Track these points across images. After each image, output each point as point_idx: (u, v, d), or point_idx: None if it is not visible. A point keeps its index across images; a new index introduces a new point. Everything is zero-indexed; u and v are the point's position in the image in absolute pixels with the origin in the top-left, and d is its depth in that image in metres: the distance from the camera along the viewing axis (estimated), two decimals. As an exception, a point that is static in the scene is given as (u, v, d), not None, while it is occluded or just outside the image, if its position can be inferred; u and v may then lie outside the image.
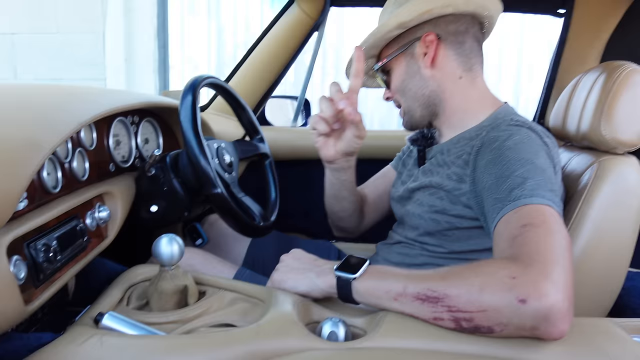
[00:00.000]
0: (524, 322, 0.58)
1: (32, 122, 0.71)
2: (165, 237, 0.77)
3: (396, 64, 1.03)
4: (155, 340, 0.63)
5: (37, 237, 0.69)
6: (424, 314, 0.65)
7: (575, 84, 1.06)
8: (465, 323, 0.62)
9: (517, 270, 0.60)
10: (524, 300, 0.57)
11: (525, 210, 0.72)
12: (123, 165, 1.09)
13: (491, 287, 0.60)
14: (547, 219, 0.69)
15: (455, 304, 0.62)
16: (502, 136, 0.86)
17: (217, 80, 1.15)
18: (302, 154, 1.68)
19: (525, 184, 0.75)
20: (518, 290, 0.58)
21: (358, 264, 0.73)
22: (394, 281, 0.68)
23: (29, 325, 0.78)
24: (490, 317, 0.60)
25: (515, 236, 0.68)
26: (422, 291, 0.65)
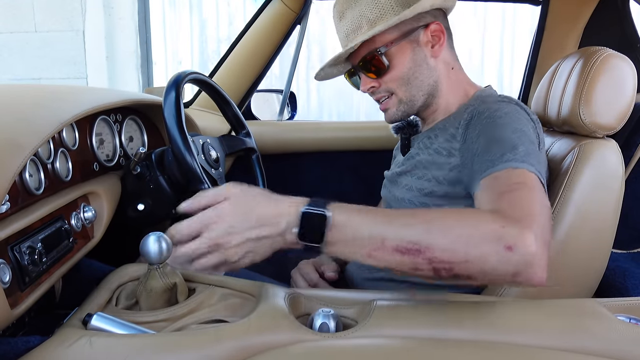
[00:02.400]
0: (508, 269, 0.61)
1: (11, 123, 0.70)
2: (153, 235, 0.76)
3: (399, 52, 0.96)
4: (145, 339, 0.63)
5: (21, 240, 0.69)
6: (402, 266, 0.64)
7: (555, 69, 1.07)
8: (444, 272, 0.63)
9: (505, 221, 0.63)
10: (510, 247, 0.60)
11: (516, 173, 0.75)
12: (107, 164, 1.08)
13: (479, 239, 0.62)
14: (535, 184, 0.74)
15: (438, 256, 0.62)
16: (492, 108, 0.88)
17: (200, 76, 1.14)
18: (289, 147, 1.68)
19: (517, 150, 0.79)
20: (506, 238, 0.61)
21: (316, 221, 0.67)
22: (369, 233, 0.64)
23: (16, 329, 0.77)
24: (473, 266, 0.62)
25: (504, 192, 0.72)
26: (402, 244, 0.63)
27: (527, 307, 0.69)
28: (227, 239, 0.68)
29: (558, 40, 1.48)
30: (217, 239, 0.68)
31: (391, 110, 1.02)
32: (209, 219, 0.69)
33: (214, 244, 0.68)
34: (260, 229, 0.68)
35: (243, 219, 0.68)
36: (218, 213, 0.69)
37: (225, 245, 0.68)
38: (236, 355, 0.61)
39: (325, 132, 1.70)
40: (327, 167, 1.70)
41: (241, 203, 0.70)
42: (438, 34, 0.98)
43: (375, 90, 1.02)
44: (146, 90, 1.61)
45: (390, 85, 0.99)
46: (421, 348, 0.60)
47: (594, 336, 0.62)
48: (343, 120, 3.80)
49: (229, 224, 0.68)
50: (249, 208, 0.69)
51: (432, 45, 0.98)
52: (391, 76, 0.98)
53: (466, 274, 0.62)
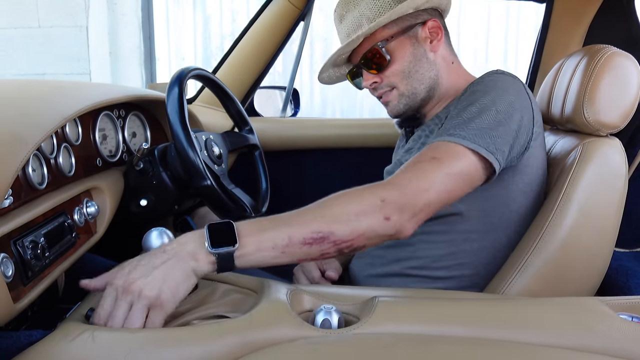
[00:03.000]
0: (386, 232, 0.74)
1: (15, 118, 0.70)
2: (155, 230, 0.76)
3: (399, 46, 1.00)
4: (147, 334, 0.63)
5: (24, 234, 0.69)
6: (312, 254, 0.71)
7: (559, 68, 1.07)
8: (346, 249, 0.73)
9: (386, 194, 0.75)
10: (388, 218, 0.73)
11: (447, 146, 0.82)
12: (110, 160, 1.08)
13: (365, 213, 0.73)
14: (455, 158, 0.80)
15: (339, 237, 0.71)
16: (484, 80, 0.92)
17: (203, 72, 1.14)
18: (291, 144, 1.67)
19: (468, 125, 0.83)
20: (384, 210, 0.73)
21: (226, 230, 0.69)
22: (275, 235, 0.70)
23: (19, 323, 0.77)
24: (365, 238, 0.73)
25: (419, 162, 0.80)
26: (308, 235, 0.70)
27: (528, 305, 0.69)
28: (131, 277, 0.65)
29: (562, 38, 1.47)
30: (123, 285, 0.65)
31: (392, 103, 1.04)
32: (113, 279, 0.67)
33: (122, 291, 0.65)
34: (164, 255, 0.67)
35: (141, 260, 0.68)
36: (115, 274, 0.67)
37: (132, 286, 0.65)
38: (238, 350, 0.61)
39: (328, 129, 1.70)
40: (330, 164, 1.69)
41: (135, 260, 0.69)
42: (436, 30, 1.01)
43: (378, 85, 1.03)
44: (149, 86, 1.61)
45: (392, 80, 1.01)
46: (423, 345, 0.60)
47: (596, 334, 0.62)
48: (346, 117, 3.80)
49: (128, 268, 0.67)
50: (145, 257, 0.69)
51: (430, 41, 1.01)
52: (392, 70, 1.00)
53: (362, 245, 0.74)
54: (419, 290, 0.82)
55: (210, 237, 0.68)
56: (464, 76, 1.04)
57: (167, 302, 0.65)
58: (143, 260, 0.68)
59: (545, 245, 0.87)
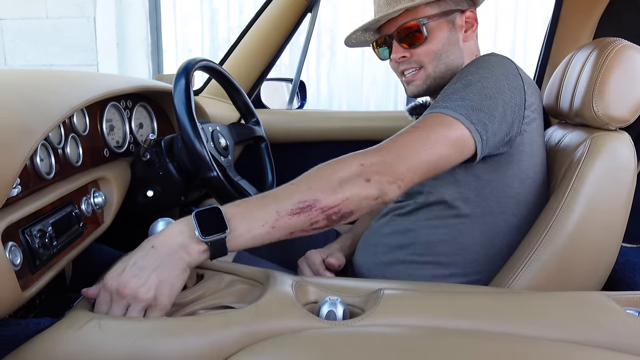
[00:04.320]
0: (371, 195, 0.76)
1: (23, 108, 0.70)
2: (162, 220, 0.77)
3: (437, 28, 1.00)
4: (154, 322, 0.64)
5: (32, 223, 0.69)
6: (302, 225, 0.72)
7: (568, 61, 1.06)
8: (334, 216, 0.74)
9: (366, 158, 0.78)
10: (368, 179, 0.75)
11: (431, 117, 0.84)
12: (117, 151, 1.08)
13: (347, 178, 0.75)
14: (433, 123, 0.83)
15: (325, 204, 0.73)
16: (475, 62, 0.94)
17: (210, 63, 1.14)
18: (298, 136, 1.67)
19: (452, 97, 0.86)
20: (364, 174, 0.75)
21: (214, 216, 0.69)
22: (263, 211, 0.71)
23: (27, 311, 0.78)
24: (350, 202, 0.74)
25: (405, 131, 0.83)
26: (295, 206, 0.72)
27: (534, 299, 0.69)
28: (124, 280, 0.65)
29: (572, 31, 1.46)
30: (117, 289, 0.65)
31: (416, 83, 1.03)
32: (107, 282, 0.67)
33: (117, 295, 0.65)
34: (155, 252, 0.67)
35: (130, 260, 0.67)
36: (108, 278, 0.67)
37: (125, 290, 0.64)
38: (243, 340, 0.61)
39: (334, 122, 1.70)
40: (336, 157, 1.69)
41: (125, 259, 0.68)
42: (472, 20, 1.02)
43: (405, 60, 1.02)
44: (156, 77, 1.61)
45: (422, 59, 1.01)
46: (427, 337, 0.60)
47: (602, 329, 0.62)
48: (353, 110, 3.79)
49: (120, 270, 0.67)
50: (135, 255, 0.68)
51: (465, 30, 1.02)
52: (425, 49, 1.00)
53: (349, 211, 0.75)
54: (424, 284, 0.82)
55: (199, 226, 0.68)
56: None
57: (163, 301, 0.66)
58: (132, 260, 0.67)
59: (552, 239, 0.86)
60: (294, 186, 0.75)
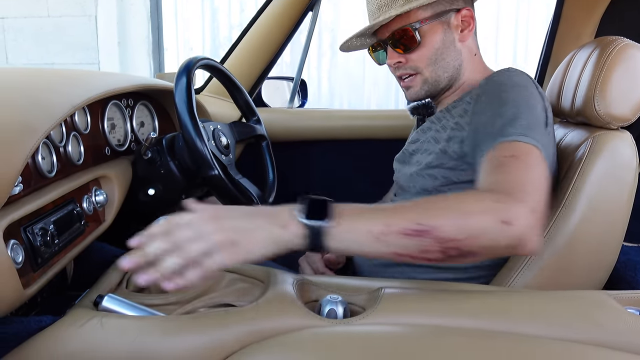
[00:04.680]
0: (505, 241, 0.65)
1: (25, 106, 0.70)
2: (163, 219, 0.77)
3: (431, 31, 0.97)
4: (155, 321, 0.64)
5: (33, 222, 0.70)
6: (410, 249, 0.64)
7: (570, 59, 1.05)
8: (452, 251, 0.64)
9: (500, 196, 0.67)
10: (507, 222, 0.64)
11: (514, 145, 0.78)
12: (119, 149, 1.08)
13: (477, 212, 0.65)
14: (530, 156, 0.76)
15: (443, 234, 0.63)
16: (500, 80, 0.91)
17: (211, 62, 1.14)
18: (299, 135, 1.67)
19: (517, 122, 0.81)
20: (502, 213, 0.64)
21: (321, 205, 0.64)
22: (373, 219, 0.64)
23: (29, 309, 0.79)
24: (475, 241, 0.64)
25: (502, 164, 0.75)
26: (409, 226, 0.63)
27: (535, 298, 0.69)
28: (220, 212, 0.62)
29: (574, 30, 1.46)
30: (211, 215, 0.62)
31: (414, 89, 1.02)
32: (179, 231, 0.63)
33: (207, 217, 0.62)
34: (257, 210, 0.63)
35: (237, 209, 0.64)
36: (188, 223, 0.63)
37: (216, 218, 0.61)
38: (244, 339, 0.61)
39: (335, 121, 1.70)
40: (337, 156, 1.69)
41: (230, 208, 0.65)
42: (468, 19, 1.00)
43: (401, 66, 1.01)
44: (157, 75, 1.61)
45: (418, 64, 0.99)
46: (428, 336, 0.60)
47: (603, 328, 0.62)
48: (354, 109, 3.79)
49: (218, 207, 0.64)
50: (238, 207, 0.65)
51: (461, 30, 0.99)
52: (419, 54, 0.98)
53: (471, 250, 0.65)
54: (425, 282, 0.82)
55: (306, 208, 0.63)
56: (482, 70, 1.03)
57: (239, 251, 0.61)
58: (238, 209, 0.64)
59: (553, 238, 0.86)
60: (412, 205, 0.67)
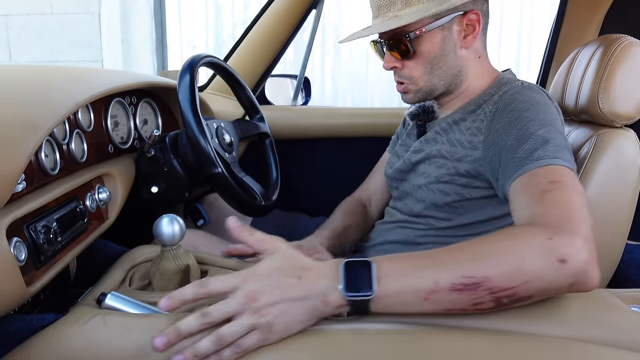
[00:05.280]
0: (564, 281, 0.59)
1: (28, 103, 0.70)
2: (166, 217, 0.77)
3: (429, 39, 0.93)
4: (158, 318, 0.64)
5: (36, 219, 0.70)
6: (462, 304, 0.59)
7: (573, 57, 1.05)
8: (506, 299, 0.59)
9: (551, 231, 0.61)
10: (564, 260, 0.58)
11: (549, 170, 0.72)
12: (122, 147, 1.08)
13: (531, 255, 0.59)
14: (571, 181, 0.71)
15: (497, 284, 0.58)
16: (518, 99, 0.86)
17: (215, 59, 1.14)
18: (302, 133, 1.67)
19: (547, 145, 0.76)
20: (557, 250, 0.59)
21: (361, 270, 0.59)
22: (419, 277, 0.59)
23: (32, 306, 0.79)
24: (532, 286, 0.59)
25: (540, 193, 0.69)
26: (458, 280, 0.58)
27: (539, 297, 0.69)
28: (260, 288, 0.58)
29: (578, 28, 1.45)
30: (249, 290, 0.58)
31: (409, 95, 1.00)
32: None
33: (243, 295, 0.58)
34: (298, 286, 0.59)
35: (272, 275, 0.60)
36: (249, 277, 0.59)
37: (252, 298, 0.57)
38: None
39: (339, 118, 1.70)
40: (341, 153, 1.69)
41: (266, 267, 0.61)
42: (474, 23, 0.93)
43: (397, 71, 0.98)
44: (161, 73, 1.61)
45: (413, 73, 0.96)
46: (432, 334, 0.60)
47: (607, 326, 0.62)
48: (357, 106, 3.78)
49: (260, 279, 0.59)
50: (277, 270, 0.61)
51: (464, 36, 0.94)
52: (415, 62, 0.95)
53: (527, 295, 0.60)
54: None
55: (345, 279, 0.58)
56: (488, 73, 1.00)
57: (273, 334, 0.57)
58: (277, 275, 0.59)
59: (557, 236, 0.86)
60: (461, 253, 0.61)
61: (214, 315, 0.57)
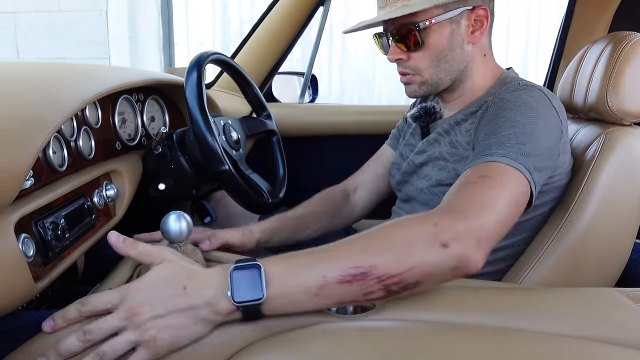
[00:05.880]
0: (447, 264, 0.62)
1: (36, 100, 0.71)
2: (173, 214, 0.77)
3: (437, 31, 0.92)
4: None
5: (44, 215, 0.70)
6: (353, 295, 0.60)
7: (582, 55, 1.04)
8: (395, 287, 0.61)
9: (440, 217, 0.65)
10: (445, 244, 0.62)
11: (489, 166, 0.75)
12: (129, 144, 1.09)
13: (416, 241, 0.62)
14: (504, 177, 0.74)
15: (384, 272, 0.60)
16: (507, 98, 0.87)
17: (222, 57, 1.14)
18: (309, 130, 1.67)
19: (504, 144, 0.78)
20: (440, 236, 0.62)
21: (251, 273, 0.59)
22: (308, 275, 0.59)
23: (40, 303, 0.79)
24: (418, 271, 0.61)
25: (468, 183, 0.73)
26: (346, 272, 0.59)
27: (547, 295, 0.68)
28: (142, 300, 0.57)
29: (587, 25, 1.44)
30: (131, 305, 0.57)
31: (413, 87, 0.98)
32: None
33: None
34: (183, 297, 0.58)
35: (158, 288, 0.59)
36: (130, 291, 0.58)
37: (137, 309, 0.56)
38: (254, 334, 0.61)
39: (346, 116, 1.70)
40: (348, 151, 1.69)
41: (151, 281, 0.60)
42: (482, 19, 0.93)
43: (402, 63, 0.97)
44: (168, 70, 1.62)
45: (419, 64, 0.95)
46: (438, 332, 0.60)
47: (615, 325, 0.61)
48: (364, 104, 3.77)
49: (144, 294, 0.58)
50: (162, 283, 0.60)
51: (472, 31, 0.94)
52: (422, 54, 0.94)
53: (415, 281, 0.61)
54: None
55: (232, 286, 0.58)
56: (492, 71, 0.99)
57: (159, 347, 0.57)
58: (162, 286, 0.59)
59: (565, 235, 0.85)
60: (349, 246, 0.63)
61: (95, 332, 0.56)
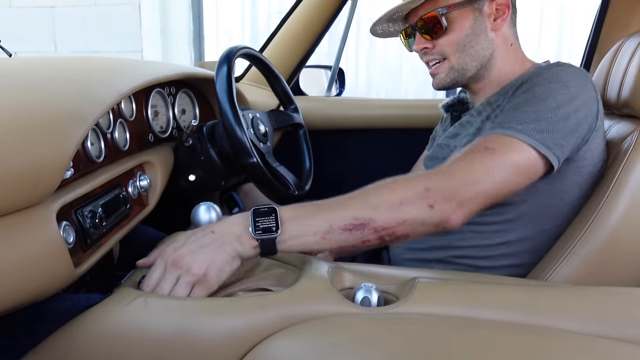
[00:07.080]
0: (431, 221, 0.73)
1: (76, 95, 0.73)
2: (203, 204, 0.79)
3: (461, 17, 0.94)
4: (196, 302, 0.66)
5: (83, 204, 0.73)
6: (352, 241, 0.72)
7: (617, 49, 1.02)
8: (387, 237, 0.73)
9: (432, 181, 0.74)
10: (432, 206, 0.73)
11: (500, 138, 0.79)
12: (161, 136, 1.12)
13: (408, 200, 0.73)
14: (508, 151, 0.78)
15: (380, 224, 0.72)
16: (543, 74, 0.87)
17: (251, 51, 1.16)
18: (336, 124, 1.68)
19: (525, 120, 0.80)
20: (428, 198, 0.73)
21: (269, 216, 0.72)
22: (317, 221, 0.72)
23: (78, 287, 0.83)
24: (408, 225, 0.73)
25: (472, 151, 0.78)
26: (349, 222, 0.72)
27: (572, 293, 0.68)
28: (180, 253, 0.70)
29: (622, 17, 1.40)
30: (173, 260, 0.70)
31: (440, 76, 0.99)
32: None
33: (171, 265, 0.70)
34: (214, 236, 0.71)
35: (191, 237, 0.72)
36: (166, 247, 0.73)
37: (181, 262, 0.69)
38: (280, 323, 0.63)
39: (372, 110, 1.70)
40: (374, 145, 1.69)
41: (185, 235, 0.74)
42: (503, 7, 0.96)
43: (428, 52, 0.98)
44: (198, 64, 1.65)
45: (445, 49, 0.96)
46: (460, 327, 0.60)
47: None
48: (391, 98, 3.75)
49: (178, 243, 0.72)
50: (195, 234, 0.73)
51: (494, 18, 0.96)
52: (447, 40, 0.95)
53: (405, 233, 0.73)
54: (460, 273, 0.82)
55: (254, 223, 0.71)
56: (521, 61, 0.99)
57: (211, 280, 0.69)
58: (193, 238, 0.71)
59: (594, 232, 0.84)
60: (352, 200, 0.75)
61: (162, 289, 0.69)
